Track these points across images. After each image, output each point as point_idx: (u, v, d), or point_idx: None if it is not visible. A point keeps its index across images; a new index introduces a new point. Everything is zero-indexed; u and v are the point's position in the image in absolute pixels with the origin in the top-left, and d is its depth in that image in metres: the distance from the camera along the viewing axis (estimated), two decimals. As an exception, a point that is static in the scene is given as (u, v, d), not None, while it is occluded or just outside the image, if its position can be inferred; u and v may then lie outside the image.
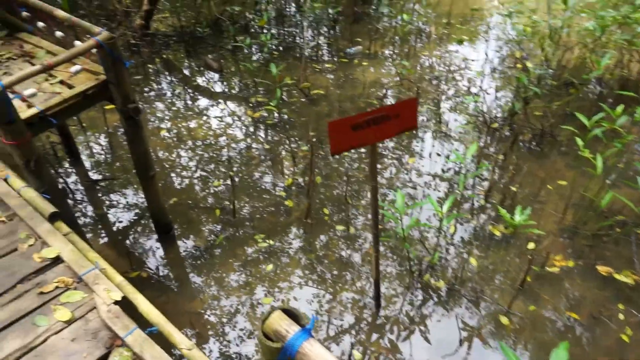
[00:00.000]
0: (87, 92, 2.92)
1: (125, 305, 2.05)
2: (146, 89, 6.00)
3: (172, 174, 4.59)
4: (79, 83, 2.97)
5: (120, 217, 4.10)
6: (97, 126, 5.22)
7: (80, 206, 4.21)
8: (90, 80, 2.98)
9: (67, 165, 4.67)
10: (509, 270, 3.62)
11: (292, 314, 1.48)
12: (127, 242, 3.89)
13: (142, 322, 2.01)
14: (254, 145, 4.98)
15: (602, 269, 3.59)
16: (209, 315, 3.32)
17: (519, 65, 6.08)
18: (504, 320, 3.27)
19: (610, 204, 3.81)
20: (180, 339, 1.89)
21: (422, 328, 3.27)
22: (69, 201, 4.22)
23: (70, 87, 2.97)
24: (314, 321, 1.33)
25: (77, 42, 3.16)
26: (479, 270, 3.61)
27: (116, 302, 1.99)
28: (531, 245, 3.78)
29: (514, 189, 4.25)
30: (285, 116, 5.37)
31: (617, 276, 3.53)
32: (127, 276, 3.48)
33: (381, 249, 3.79)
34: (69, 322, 1.91)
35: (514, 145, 4.78)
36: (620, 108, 3.69)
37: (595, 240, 3.79)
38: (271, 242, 3.85)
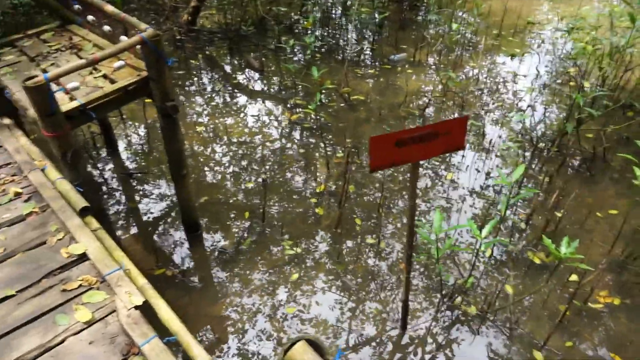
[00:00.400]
0: (128, 88, 2.92)
1: (147, 309, 2.01)
2: (187, 84, 6.05)
3: (206, 170, 4.59)
4: (121, 78, 2.98)
5: (150, 212, 4.12)
6: (136, 118, 5.30)
7: (113, 197, 4.26)
8: (132, 76, 2.98)
9: (104, 155, 4.75)
10: (547, 301, 3.39)
11: (317, 346, 1.39)
12: (155, 237, 3.89)
13: (162, 329, 1.97)
14: (288, 146, 4.92)
15: (652, 311, 3.31)
16: (230, 320, 3.27)
17: (572, 83, 5.76)
18: (538, 355, 3.06)
19: (666, 240, 3.52)
20: (199, 352, 1.83)
21: (449, 353, 3.10)
22: (103, 191, 4.28)
23: (112, 81, 2.99)
24: (339, 356, 1.22)
25: (123, 37, 3.17)
26: (514, 298, 3.40)
27: (137, 307, 1.95)
28: (573, 277, 3.53)
29: (558, 214, 3.99)
30: (323, 120, 5.28)
31: (668, 321, 3.25)
32: (151, 273, 3.51)
33: (413, 268, 3.64)
34: (88, 324, 1.89)
35: (561, 168, 4.51)
36: (686, 138, 3.39)
37: (646, 278, 3.51)
38: (298, 250, 3.76)
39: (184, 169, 3.43)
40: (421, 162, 4.70)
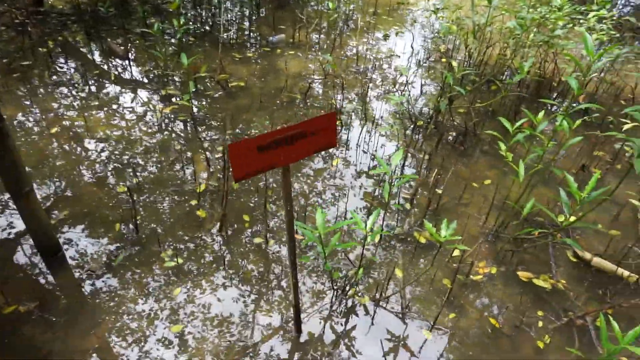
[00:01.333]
0: None
1: None
2: (37, 76, 5.20)
3: (65, 178, 3.97)
4: None
5: (-4, 236, 3.46)
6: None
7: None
8: None
9: None
10: (435, 279, 3.51)
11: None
12: (2, 268, 3.27)
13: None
14: (163, 143, 4.47)
15: (523, 275, 3.59)
16: (105, 351, 2.86)
17: (444, 60, 6.02)
18: (428, 334, 3.15)
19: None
20: None
21: (348, 343, 3.06)
22: None
23: None
24: None
25: None
26: (404, 281, 3.46)
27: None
28: (457, 253, 3.69)
29: (439, 191, 4.15)
30: (200, 112, 4.88)
31: (536, 281, 3.54)
32: (0, 312, 2.95)
33: (303, 263, 3.52)
34: None
35: (439, 144, 4.70)
36: (541, 114, 3.66)
37: (516, 244, 3.79)
38: (180, 260, 3.43)
39: (26, 185, 2.87)
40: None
